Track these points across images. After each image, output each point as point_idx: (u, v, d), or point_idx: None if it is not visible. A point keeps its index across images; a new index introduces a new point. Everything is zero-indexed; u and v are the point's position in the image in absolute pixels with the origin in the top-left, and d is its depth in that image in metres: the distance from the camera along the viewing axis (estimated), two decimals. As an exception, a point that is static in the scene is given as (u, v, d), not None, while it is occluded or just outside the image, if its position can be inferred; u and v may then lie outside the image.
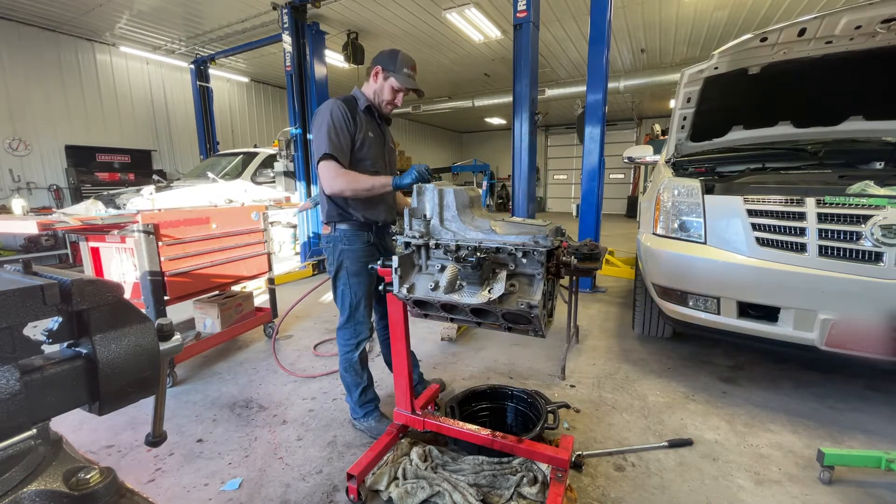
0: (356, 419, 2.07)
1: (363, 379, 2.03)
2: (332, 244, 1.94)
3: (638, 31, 7.31)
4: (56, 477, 0.48)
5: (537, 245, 1.28)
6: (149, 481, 1.75)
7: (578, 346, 3.08)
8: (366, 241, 1.94)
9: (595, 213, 4.28)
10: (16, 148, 6.58)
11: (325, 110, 1.81)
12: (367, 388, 2.05)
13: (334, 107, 1.80)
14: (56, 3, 5.93)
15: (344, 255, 1.91)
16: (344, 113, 1.80)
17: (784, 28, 2.32)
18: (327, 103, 1.83)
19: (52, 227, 2.27)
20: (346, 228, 1.91)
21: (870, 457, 1.63)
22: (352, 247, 1.91)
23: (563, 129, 16.61)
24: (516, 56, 4.01)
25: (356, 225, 1.91)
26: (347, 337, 1.98)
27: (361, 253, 1.92)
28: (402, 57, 1.88)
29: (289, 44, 5.47)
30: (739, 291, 2.09)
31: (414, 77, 1.91)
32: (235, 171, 6.29)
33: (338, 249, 1.92)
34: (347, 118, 1.80)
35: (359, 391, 2.02)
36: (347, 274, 1.92)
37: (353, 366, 2.00)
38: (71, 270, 0.59)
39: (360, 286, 1.94)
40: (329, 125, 1.77)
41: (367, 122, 1.90)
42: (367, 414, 2.04)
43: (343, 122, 1.79)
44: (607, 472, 1.77)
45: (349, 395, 2.06)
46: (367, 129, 1.88)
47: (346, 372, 2.01)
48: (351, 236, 1.91)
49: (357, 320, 1.96)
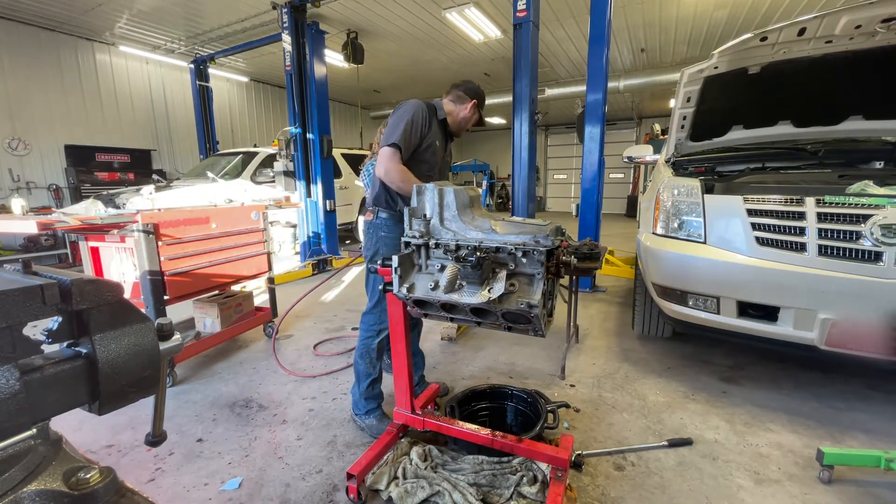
0: (358, 414, 2.08)
1: (374, 370, 2.06)
2: (371, 230, 2.02)
3: (638, 31, 7.30)
4: (56, 477, 0.48)
5: (537, 245, 1.28)
6: (149, 481, 1.75)
7: (578, 345, 3.08)
8: (403, 230, 1.97)
9: (595, 213, 4.28)
10: (15, 147, 6.58)
11: (411, 107, 1.94)
12: (376, 381, 2.08)
13: (420, 108, 1.94)
14: (56, 2, 5.93)
15: (381, 243, 1.99)
16: (425, 116, 1.95)
17: (784, 28, 2.32)
18: (414, 102, 1.98)
19: (51, 226, 2.27)
20: (387, 217, 1.99)
21: (869, 456, 1.63)
22: (390, 234, 1.98)
23: (563, 128, 16.59)
24: (516, 56, 4.00)
25: (397, 216, 1.98)
26: (371, 322, 2.03)
27: (398, 241, 1.94)
28: (483, 94, 2.14)
29: (288, 43, 5.47)
30: (739, 291, 2.09)
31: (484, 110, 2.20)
32: (235, 171, 6.29)
33: (376, 236, 2.00)
34: (426, 121, 1.95)
35: (368, 381, 2.05)
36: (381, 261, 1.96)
37: (370, 352, 2.04)
38: (71, 270, 0.59)
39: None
40: (409, 120, 1.89)
41: (437, 130, 2.05)
42: (370, 411, 2.05)
43: (421, 123, 1.93)
44: (607, 471, 1.77)
45: (357, 385, 2.08)
46: (436, 137, 2.03)
47: (362, 359, 2.05)
48: (391, 225, 1.99)
49: (384, 308, 1.96)
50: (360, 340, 2.07)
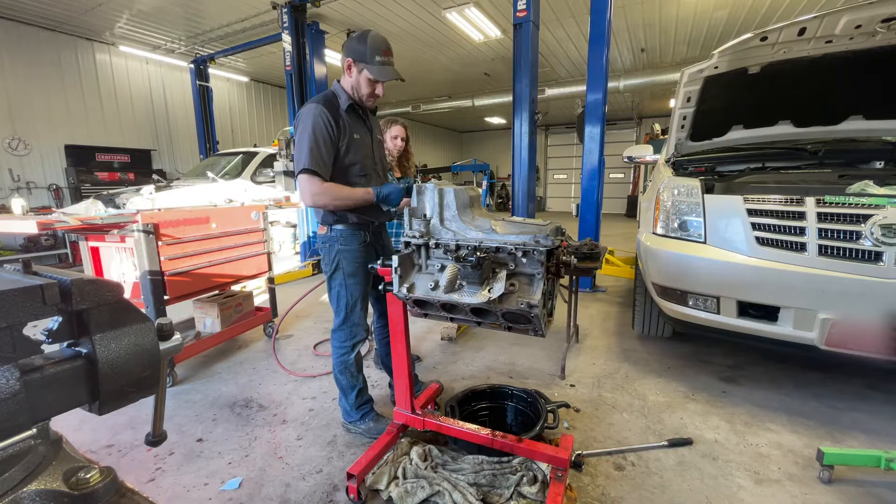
0: (352, 422, 2.03)
1: (359, 381, 2.01)
2: (328, 244, 1.90)
3: (638, 31, 7.30)
4: (56, 476, 0.48)
5: (538, 244, 1.28)
6: (149, 481, 1.75)
7: (578, 345, 3.08)
8: (362, 241, 1.91)
9: (595, 213, 4.28)
10: (15, 147, 6.58)
11: (306, 119, 1.70)
12: (363, 390, 2.03)
13: (317, 115, 1.69)
14: (56, 2, 5.93)
15: (340, 256, 1.88)
16: (326, 121, 1.69)
17: (784, 27, 2.32)
18: (308, 109, 1.71)
19: (51, 226, 2.27)
20: (343, 228, 1.87)
21: (869, 456, 1.63)
22: (348, 247, 1.88)
23: (563, 128, 16.60)
24: (516, 55, 4.01)
25: (352, 225, 1.88)
26: (343, 339, 1.95)
27: (358, 253, 1.90)
28: (373, 42, 1.69)
29: (288, 43, 5.48)
30: (739, 291, 2.09)
31: (390, 62, 1.75)
32: (235, 171, 6.28)
33: (334, 250, 1.88)
34: (330, 125, 1.70)
35: (354, 393, 1.99)
36: (344, 275, 1.89)
37: (349, 368, 1.97)
38: (71, 270, 0.59)
39: (356, 287, 1.91)
40: (311, 136, 1.67)
41: (351, 122, 1.79)
42: (364, 416, 2.02)
43: (326, 131, 1.69)
44: (607, 471, 1.77)
45: (344, 398, 2.02)
46: (352, 132, 1.79)
47: (342, 374, 1.98)
48: (348, 236, 1.87)
49: (353, 322, 1.94)
50: (334, 358, 1.98)
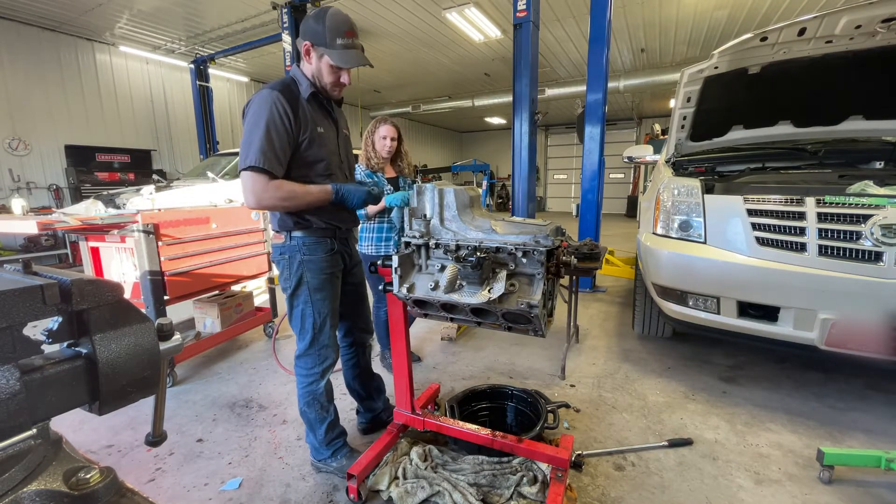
0: (321, 460, 1.76)
1: (329, 413, 1.74)
2: (287, 255, 1.59)
3: (638, 31, 7.30)
4: (56, 477, 0.48)
5: (538, 245, 1.28)
6: (149, 481, 1.75)
7: (578, 345, 3.08)
8: (329, 248, 1.63)
9: (595, 213, 4.28)
10: (15, 148, 6.58)
11: (259, 107, 1.42)
12: (334, 422, 1.77)
13: (272, 103, 1.41)
14: (56, 2, 5.93)
15: (304, 268, 1.58)
16: (282, 110, 1.41)
17: (784, 28, 2.32)
18: (262, 96, 1.43)
19: (51, 226, 2.27)
20: (303, 236, 1.58)
21: (870, 456, 1.63)
22: (313, 257, 1.58)
23: (563, 128, 16.60)
24: (516, 56, 4.01)
25: (316, 231, 1.59)
26: (310, 365, 1.66)
27: (325, 263, 1.61)
28: (332, 22, 1.43)
29: (288, 43, 5.48)
30: (739, 291, 2.09)
31: (355, 44, 1.48)
32: (235, 171, 6.28)
33: (295, 261, 1.58)
34: (287, 118, 1.43)
35: (324, 427, 1.72)
36: (309, 290, 1.60)
37: (318, 398, 1.69)
38: (71, 270, 0.59)
39: (323, 303, 1.62)
40: (264, 129, 1.39)
41: (314, 113, 1.53)
42: (336, 452, 1.75)
43: (281, 123, 1.42)
44: (607, 471, 1.77)
45: (311, 434, 1.75)
46: (315, 125, 1.52)
47: (309, 407, 1.70)
48: (311, 245, 1.58)
49: (322, 344, 1.65)
50: (300, 388, 1.69)
